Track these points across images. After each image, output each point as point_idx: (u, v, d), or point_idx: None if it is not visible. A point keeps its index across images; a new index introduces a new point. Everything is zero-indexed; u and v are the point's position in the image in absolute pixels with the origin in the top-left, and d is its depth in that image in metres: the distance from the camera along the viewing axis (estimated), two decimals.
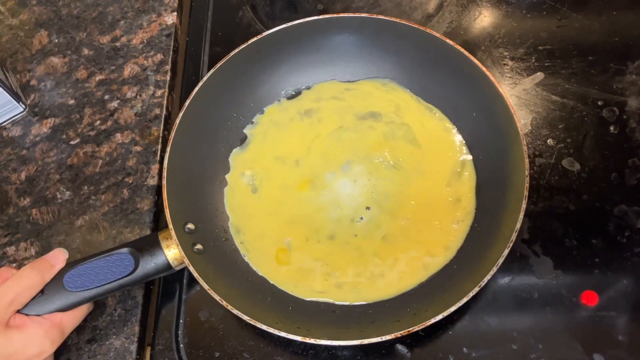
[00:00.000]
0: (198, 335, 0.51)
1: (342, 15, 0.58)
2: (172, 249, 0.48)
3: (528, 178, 0.48)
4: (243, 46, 0.57)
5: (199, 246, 0.51)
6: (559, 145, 0.57)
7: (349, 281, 0.52)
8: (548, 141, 0.58)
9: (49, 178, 0.59)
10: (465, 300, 0.44)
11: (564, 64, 0.62)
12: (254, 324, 0.44)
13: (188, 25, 0.71)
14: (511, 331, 0.49)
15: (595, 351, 0.48)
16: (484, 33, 0.66)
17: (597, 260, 0.51)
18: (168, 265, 0.48)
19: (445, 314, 0.43)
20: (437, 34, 0.55)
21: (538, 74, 0.62)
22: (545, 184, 0.55)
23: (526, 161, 0.48)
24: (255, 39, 0.58)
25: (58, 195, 0.58)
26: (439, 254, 0.52)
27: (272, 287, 0.52)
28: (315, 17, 0.58)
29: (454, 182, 0.55)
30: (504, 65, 0.63)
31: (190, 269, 0.47)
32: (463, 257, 0.51)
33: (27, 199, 0.58)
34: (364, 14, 0.58)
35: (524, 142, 0.49)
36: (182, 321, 0.52)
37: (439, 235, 0.53)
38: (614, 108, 0.59)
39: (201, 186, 0.56)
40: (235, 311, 0.45)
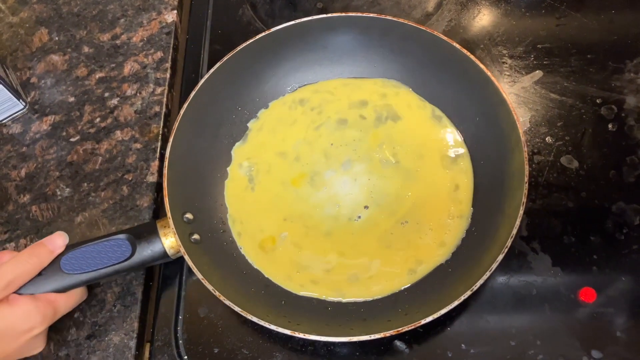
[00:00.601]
0: (197, 332, 0.51)
1: (349, 14, 0.58)
2: (170, 238, 0.48)
3: (527, 185, 0.47)
4: (250, 41, 0.57)
5: (196, 236, 0.51)
6: (557, 143, 0.58)
7: (343, 278, 0.52)
8: (547, 139, 0.58)
9: (49, 175, 0.59)
10: (456, 303, 0.44)
11: (562, 62, 0.62)
12: (244, 315, 0.44)
13: (188, 23, 0.71)
14: (509, 328, 0.49)
15: (593, 347, 0.48)
16: (483, 31, 0.66)
17: (595, 257, 0.51)
18: (164, 253, 0.48)
19: (435, 315, 0.43)
20: (444, 37, 0.55)
21: (537, 72, 0.62)
22: (543, 182, 0.56)
23: (526, 168, 0.48)
24: (262, 34, 0.58)
25: (58, 192, 0.58)
26: (434, 255, 0.52)
27: (267, 280, 0.52)
28: (323, 15, 0.58)
29: (450, 165, 0.56)
30: (503, 63, 0.63)
31: (186, 257, 0.47)
32: (458, 260, 0.51)
33: (27, 196, 0.58)
34: (372, 14, 0.58)
35: (526, 148, 0.49)
36: (181, 317, 0.52)
37: (435, 235, 0.53)
38: (613, 106, 0.59)
39: (202, 177, 0.56)
40: (228, 302, 0.45)
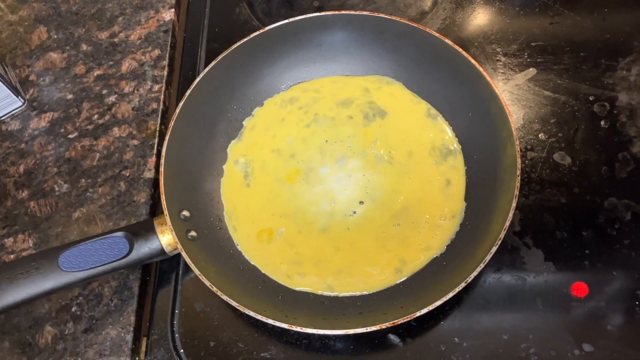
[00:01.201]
0: (193, 325, 0.52)
1: (343, 12, 0.59)
2: (167, 235, 0.48)
3: (519, 178, 0.48)
4: (245, 39, 0.58)
5: (193, 233, 0.51)
6: (550, 140, 0.58)
7: (339, 273, 0.52)
8: (540, 135, 0.58)
9: (47, 171, 0.60)
10: (451, 294, 0.44)
11: (556, 60, 0.63)
12: (242, 310, 0.45)
13: (185, 21, 0.72)
14: (502, 322, 0.50)
15: (585, 341, 0.48)
16: (478, 29, 0.66)
17: (587, 252, 0.52)
18: (162, 251, 0.48)
19: (430, 308, 0.44)
20: (437, 34, 0.56)
21: (530, 69, 0.63)
22: (536, 178, 0.56)
23: (518, 162, 0.49)
24: (257, 33, 0.58)
25: (56, 188, 0.58)
26: (429, 249, 0.52)
27: (263, 276, 0.53)
28: (317, 13, 0.59)
29: (443, 160, 0.56)
30: (497, 61, 0.64)
31: (183, 254, 0.47)
32: (452, 254, 0.52)
33: (25, 192, 0.58)
34: (365, 12, 0.58)
35: (518, 142, 0.49)
36: (177, 311, 0.52)
37: (429, 229, 0.53)
38: (605, 103, 0.60)
39: (198, 175, 0.56)
40: (225, 297, 0.45)
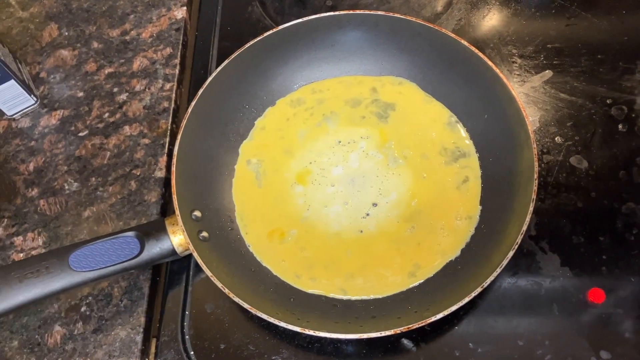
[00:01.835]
0: (204, 327, 0.51)
1: (357, 12, 0.58)
2: (178, 235, 0.48)
3: (537, 182, 0.47)
4: (258, 39, 0.57)
5: (204, 234, 0.51)
6: (567, 143, 0.57)
7: (352, 276, 0.51)
8: (556, 139, 0.58)
9: (57, 169, 0.59)
10: (467, 299, 0.43)
11: (572, 62, 0.62)
12: (254, 312, 0.44)
13: (197, 19, 0.71)
14: (517, 327, 0.49)
15: (602, 348, 0.47)
16: (493, 31, 0.66)
17: (604, 257, 0.51)
18: (173, 251, 0.48)
19: (445, 313, 0.43)
20: (453, 35, 0.55)
21: (547, 72, 0.62)
22: (553, 181, 0.55)
23: (536, 165, 0.48)
24: (270, 32, 0.57)
25: (66, 187, 0.58)
26: (443, 252, 0.52)
27: (275, 278, 0.52)
28: (331, 12, 0.58)
29: (458, 162, 0.56)
30: (513, 63, 0.63)
31: (195, 255, 0.47)
32: (467, 257, 0.51)
33: (35, 190, 0.58)
34: (380, 12, 0.58)
35: (535, 145, 0.49)
36: (187, 313, 0.52)
37: (444, 233, 0.53)
38: (623, 106, 0.59)
39: (210, 175, 0.56)
40: (237, 299, 0.45)
